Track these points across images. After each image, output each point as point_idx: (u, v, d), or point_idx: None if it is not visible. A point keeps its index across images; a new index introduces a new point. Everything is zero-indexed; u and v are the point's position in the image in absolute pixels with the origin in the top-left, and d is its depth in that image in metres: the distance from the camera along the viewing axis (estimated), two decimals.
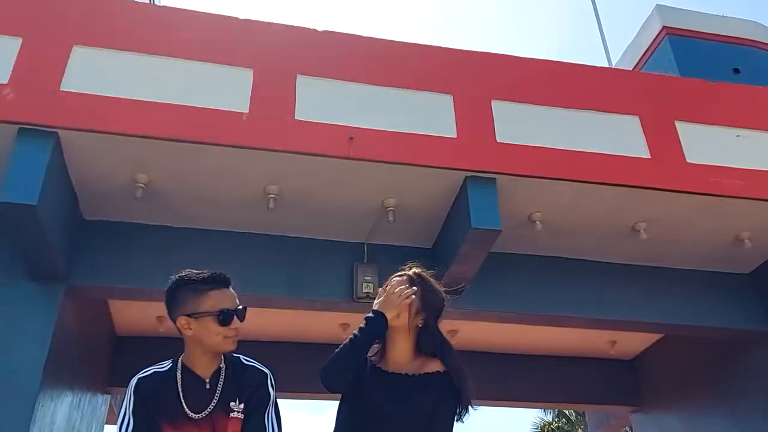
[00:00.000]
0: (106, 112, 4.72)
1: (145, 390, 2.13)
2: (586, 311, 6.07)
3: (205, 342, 2.15)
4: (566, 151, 5.37)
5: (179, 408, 2.11)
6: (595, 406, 8.91)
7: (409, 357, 2.33)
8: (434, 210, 5.51)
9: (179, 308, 2.17)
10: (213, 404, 2.12)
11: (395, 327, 2.30)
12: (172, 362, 2.22)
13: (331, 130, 5.03)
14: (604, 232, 5.91)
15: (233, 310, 2.17)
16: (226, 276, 2.23)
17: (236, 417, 2.13)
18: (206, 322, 2.13)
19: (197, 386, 2.15)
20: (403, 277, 2.40)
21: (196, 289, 2.16)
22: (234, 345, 2.17)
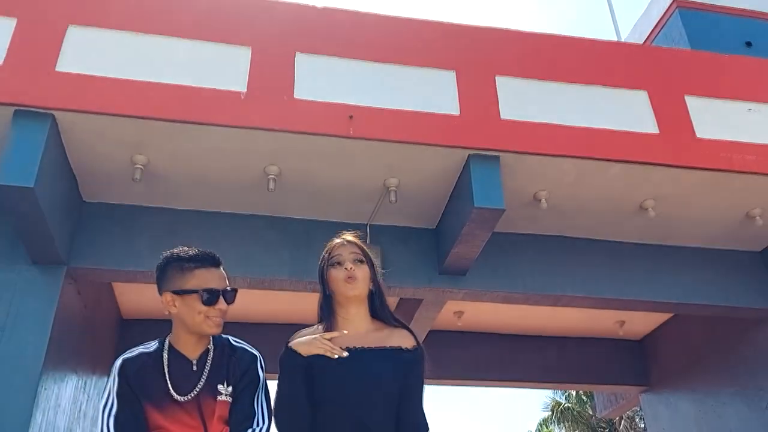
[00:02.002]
0: (102, 93, 4.65)
1: (129, 371, 2.08)
2: (593, 291, 5.97)
3: (187, 321, 2.09)
4: (572, 127, 5.25)
5: (165, 390, 2.05)
6: (604, 386, 8.86)
7: (367, 324, 2.27)
8: (437, 190, 5.42)
9: (165, 284, 2.12)
10: (199, 386, 2.06)
11: (351, 298, 2.23)
12: (159, 342, 2.17)
13: (331, 108, 4.94)
14: (611, 210, 5.80)
15: (219, 290, 2.11)
16: (216, 255, 2.16)
17: (224, 400, 2.07)
18: (190, 301, 2.08)
19: (184, 368, 2.09)
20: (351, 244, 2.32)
21: (182, 267, 2.11)
22: (217, 328, 2.11)
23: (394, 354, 2.18)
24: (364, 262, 2.28)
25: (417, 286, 5.71)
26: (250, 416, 2.08)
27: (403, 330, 2.27)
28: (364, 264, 2.27)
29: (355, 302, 2.25)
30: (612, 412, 9.92)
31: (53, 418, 5.14)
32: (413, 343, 2.24)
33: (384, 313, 2.30)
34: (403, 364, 2.17)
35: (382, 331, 2.26)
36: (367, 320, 2.27)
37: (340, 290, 2.24)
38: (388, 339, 2.22)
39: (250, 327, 6.90)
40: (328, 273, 2.28)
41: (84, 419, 6.09)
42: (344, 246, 2.31)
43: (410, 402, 2.15)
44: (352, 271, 2.22)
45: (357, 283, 2.22)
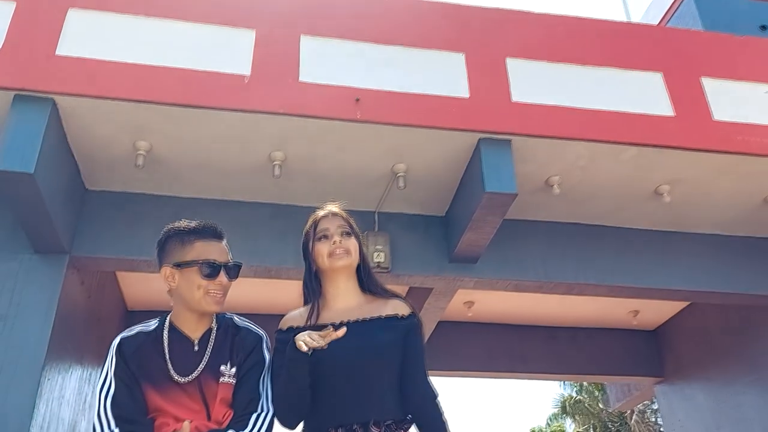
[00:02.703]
0: (103, 77, 4.55)
1: (128, 350, 1.97)
2: (606, 279, 5.83)
3: (186, 296, 1.98)
4: (585, 110, 5.11)
5: (164, 370, 1.93)
6: (617, 377, 8.72)
7: (357, 297, 2.17)
8: (446, 175, 5.29)
9: (165, 258, 2.02)
10: (201, 368, 1.95)
11: (339, 269, 2.13)
12: (159, 321, 2.06)
13: (337, 92, 4.82)
14: (625, 196, 5.65)
15: (220, 263, 1.99)
16: (218, 228, 2.06)
17: (227, 382, 1.95)
18: (189, 274, 1.97)
19: (185, 348, 1.98)
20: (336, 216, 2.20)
21: (182, 239, 2.01)
22: (217, 305, 1.99)
23: (391, 322, 2.09)
24: (351, 234, 2.18)
25: (426, 274, 5.59)
26: (254, 399, 1.96)
27: (396, 299, 2.18)
28: (352, 236, 2.17)
29: (344, 275, 2.15)
30: (625, 404, 9.79)
31: (57, 410, 5.06)
32: (409, 310, 2.15)
33: (373, 284, 2.21)
34: (401, 331, 2.08)
35: (375, 302, 2.16)
36: (357, 293, 2.18)
37: (328, 264, 2.13)
38: (383, 308, 2.13)
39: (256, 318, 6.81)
40: (314, 248, 2.16)
41: (89, 411, 6.01)
42: (329, 218, 2.19)
43: (414, 369, 2.06)
44: (339, 244, 2.12)
45: (344, 255, 2.12)
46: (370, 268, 2.25)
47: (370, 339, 2.03)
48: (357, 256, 2.16)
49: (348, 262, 2.13)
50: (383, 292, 2.20)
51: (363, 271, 2.21)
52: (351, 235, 2.17)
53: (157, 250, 2.05)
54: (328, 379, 1.98)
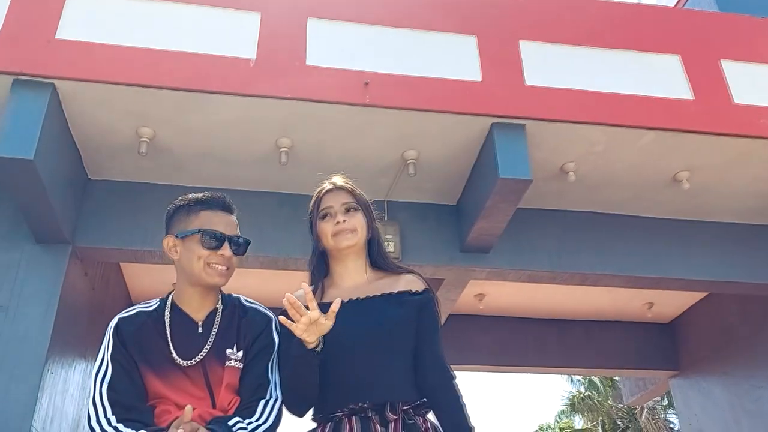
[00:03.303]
0: (104, 61, 4.41)
1: (126, 331, 1.83)
2: (623, 269, 5.67)
3: (187, 269, 1.84)
4: (602, 93, 4.94)
5: (166, 353, 1.79)
6: (631, 371, 8.55)
7: (367, 275, 2.01)
8: (458, 162, 5.14)
9: (170, 230, 1.90)
10: (205, 350, 1.81)
11: (345, 250, 1.97)
12: (161, 301, 1.92)
13: (345, 75, 4.67)
14: (642, 183, 5.48)
15: (224, 234, 1.85)
16: (227, 200, 1.94)
17: (233, 366, 1.81)
18: (191, 244, 1.84)
19: (188, 329, 1.84)
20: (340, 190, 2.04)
21: (188, 209, 1.89)
22: (221, 278, 1.85)
23: (403, 298, 1.93)
24: (358, 208, 2.01)
25: (438, 264, 5.44)
26: (263, 385, 1.82)
27: (409, 274, 2.02)
28: (358, 211, 2.00)
29: (352, 254, 1.99)
30: (639, 399, 9.61)
31: (61, 404, 4.94)
32: (422, 285, 1.99)
33: (385, 260, 2.05)
34: (414, 308, 1.92)
35: (386, 278, 2.01)
36: (367, 270, 2.03)
37: (332, 245, 1.97)
38: (394, 285, 1.97)
39: None
40: (318, 227, 2.01)
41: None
42: (333, 193, 2.04)
43: (428, 348, 1.90)
44: (344, 224, 1.96)
45: (349, 234, 1.96)
46: (381, 242, 2.09)
47: (381, 316, 1.88)
48: (364, 233, 2.00)
49: (354, 241, 1.97)
50: (395, 268, 2.04)
51: (373, 246, 2.05)
52: (358, 210, 2.01)
53: (165, 223, 1.93)
54: (336, 360, 1.83)
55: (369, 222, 2.03)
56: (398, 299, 1.93)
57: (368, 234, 2.02)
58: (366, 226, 2.01)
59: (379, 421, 1.77)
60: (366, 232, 2.01)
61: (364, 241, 2.01)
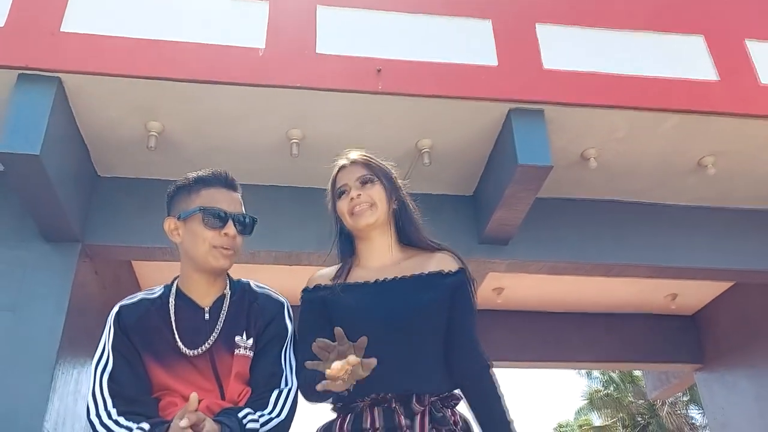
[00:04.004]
0: (110, 54, 4.31)
1: (128, 320, 1.70)
2: (647, 258, 5.48)
3: (191, 251, 1.72)
4: (623, 76, 4.77)
5: (171, 342, 1.67)
6: (654, 365, 8.33)
7: (396, 254, 1.84)
8: (474, 150, 4.98)
9: (171, 212, 1.78)
10: (213, 338, 1.68)
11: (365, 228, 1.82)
12: (165, 287, 1.80)
13: (356, 63, 4.53)
14: (666, 169, 5.29)
15: (227, 212, 1.72)
16: (229, 176, 1.82)
17: (242, 354, 1.68)
18: (193, 224, 1.72)
19: (194, 316, 1.72)
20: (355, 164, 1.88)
21: (189, 189, 1.77)
22: (226, 261, 1.72)
23: (434, 279, 1.76)
24: (376, 180, 1.85)
25: None
26: (276, 374, 1.69)
27: (442, 252, 1.84)
28: (376, 183, 1.85)
29: (376, 231, 1.83)
30: (663, 393, 9.39)
31: (73, 405, 4.84)
32: (457, 264, 1.81)
33: (416, 235, 1.87)
34: (447, 290, 1.75)
35: (417, 256, 1.83)
36: (396, 248, 1.86)
37: (352, 224, 1.83)
38: (425, 264, 1.80)
39: None
40: (337, 207, 1.87)
41: None
42: (347, 169, 1.89)
43: (462, 333, 1.74)
44: (358, 198, 1.80)
45: (367, 210, 1.80)
46: (412, 214, 1.90)
47: (410, 300, 1.72)
48: (385, 206, 1.83)
49: (373, 218, 1.81)
50: (428, 245, 1.86)
51: (402, 219, 1.87)
52: (375, 182, 1.84)
53: (166, 205, 1.81)
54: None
55: (391, 193, 1.86)
56: (429, 281, 1.76)
57: (391, 207, 1.85)
58: (387, 198, 1.84)
59: (404, 413, 1.62)
60: (387, 204, 1.84)
61: (386, 216, 1.84)
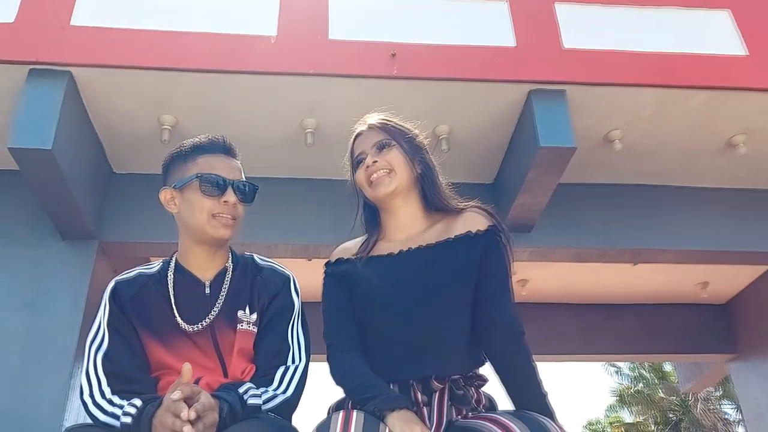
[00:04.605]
0: (120, 46, 4.26)
1: (124, 295, 1.61)
2: (676, 243, 5.29)
3: (189, 223, 1.62)
4: (646, 53, 4.60)
5: (169, 318, 1.57)
6: (686, 356, 8.09)
7: (423, 222, 1.70)
8: (494, 134, 4.84)
9: (167, 182, 1.69)
10: (214, 313, 1.58)
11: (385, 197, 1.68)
12: (164, 262, 1.70)
13: (370, 48, 4.43)
14: (694, 149, 5.10)
15: (227, 179, 1.62)
16: (227, 141, 1.71)
17: (246, 330, 1.57)
18: (190, 193, 1.62)
19: (194, 290, 1.62)
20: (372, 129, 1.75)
21: (185, 157, 1.67)
22: (226, 231, 1.61)
23: (462, 243, 1.59)
24: (394, 144, 1.70)
25: None
26: (282, 351, 1.57)
27: (471, 211, 1.68)
28: (394, 146, 1.70)
29: (399, 200, 1.69)
30: (696, 385, 9.12)
31: None
32: (487, 222, 1.63)
33: (440, 199, 1.71)
34: (476, 252, 1.58)
35: (444, 220, 1.68)
36: (423, 217, 1.71)
37: (371, 194, 1.70)
38: (452, 227, 1.64)
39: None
40: (355, 177, 1.75)
41: None
42: (364, 136, 1.76)
43: (493, 298, 1.57)
44: (375, 166, 1.67)
45: (386, 177, 1.66)
46: (436, 178, 1.74)
47: (434, 270, 1.57)
48: (406, 170, 1.68)
49: (392, 185, 1.66)
50: (455, 207, 1.70)
51: (425, 183, 1.71)
52: (393, 146, 1.70)
53: (162, 175, 1.71)
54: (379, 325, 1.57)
55: (413, 157, 1.71)
56: (455, 246, 1.60)
57: (414, 171, 1.70)
58: (407, 163, 1.69)
59: (422, 390, 1.50)
60: (409, 169, 1.69)
61: (408, 182, 1.69)
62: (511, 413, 1.37)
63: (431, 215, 1.72)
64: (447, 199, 1.72)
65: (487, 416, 1.40)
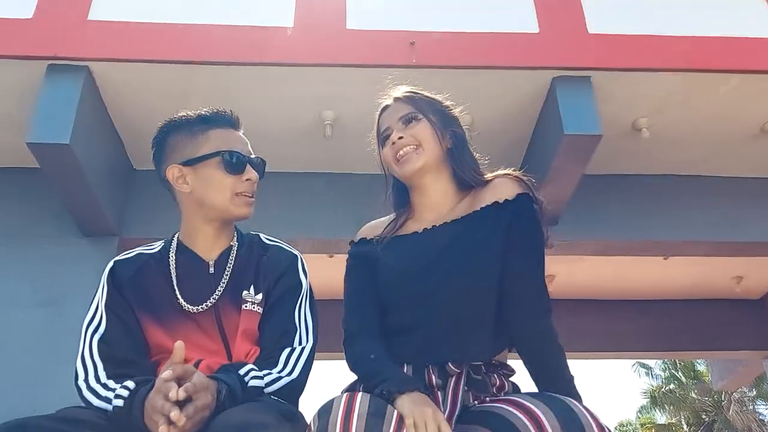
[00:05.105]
0: (137, 39, 4.24)
1: (123, 275, 1.55)
2: (706, 234, 5.10)
3: (208, 201, 1.53)
4: (676, 37, 4.44)
5: (170, 299, 1.50)
6: (720, 353, 7.86)
7: (454, 199, 1.58)
8: (517, 125, 4.72)
9: (170, 157, 1.58)
10: (218, 293, 1.50)
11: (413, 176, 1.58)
12: (165, 242, 1.64)
13: (388, 37, 4.34)
14: (726, 136, 4.91)
15: (245, 155, 1.55)
16: (234, 114, 1.65)
17: (250, 310, 1.49)
18: (207, 170, 1.53)
19: (197, 270, 1.55)
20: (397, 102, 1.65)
21: (191, 130, 1.58)
22: (250, 208, 1.56)
23: (490, 214, 1.48)
24: (420, 117, 1.60)
25: None
26: (288, 332, 1.48)
27: (499, 178, 1.56)
28: (421, 120, 1.60)
29: (429, 177, 1.59)
30: (730, 383, 8.86)
31: None
32: (516, 189, 1.51)
33: (471, 174, 1.59)
34: (504, 222, 1.46)
35: (473, 193, 1.57)
36: (454, 193, 1.60)
37: (398, 173, 1.60)
38: (480, 198, 1.53)
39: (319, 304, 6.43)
40: (382, 155, 1.65)
41: None
42: (390, 110, 1.67)
43: (521, 270, 1.45)
44: (401, 141, 1.57)
45: (413, 153, 1.56)
46: (468, 153, 1.63)
47: (456, 248, 1.46)
48: (435, 145, 1.57)
49: (420, 161, 1.56)
50: (483, 180, 1.59)
51: (455, 159, 1.60)
52: (420, 120, 1.59)
53: (155, 150, 1.62)
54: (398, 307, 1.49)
55: (442, 130, 1.60)
56: (481, 219, 1.49)
57: (444, 145, 1.59)
58: (436, 136, 1.58)
59: (438, 374, 1.41)
60: (438, 143, 1.58)
61: (438, 157, 1.59)
62: (532, 394, 1.27)
63: (463, 192, 1.61)
64: (476, 171, 1.62)
65: (505, 399, 1.30)
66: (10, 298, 4.48)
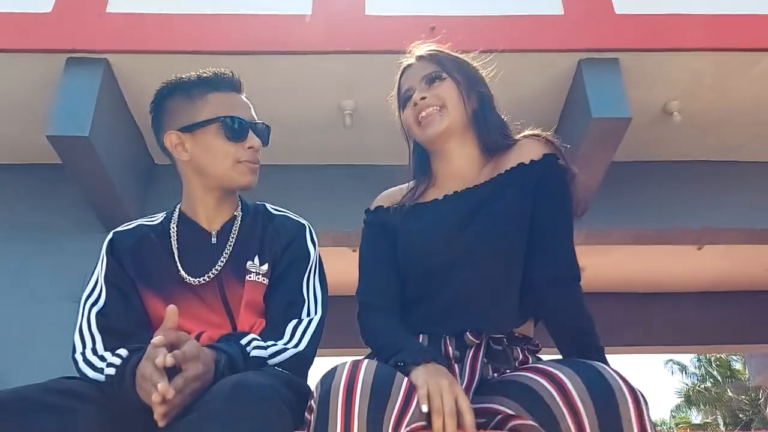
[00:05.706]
0: (155, 31, 4.22)
1: (122, 246, 1.49)
2: (742, 221, 4.91)
3: (209, 170, 1.46)
4: (705, 15, 4.27)
5: (171, 271, 1.43)
6: (756, 346, 7.63)
7: (479, 163, 1.48)
8: (543, 109, 4.57)
9: (168, 123, 1.51)
10: (221, 264, 1.43)
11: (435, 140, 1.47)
12: (167, 213, 1.59)
13: (408, 22, 4.25)
14: (761, 119, 4.71)
15: (248, 121, 1.46)
16: (235, 76, 1.55)
17: (255, 281, 1.41)
18: (207, 137, 1.45)
19: (199, 240, 1.48)
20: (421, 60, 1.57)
21: (189, 93, 1.50)
22: (254, 176, 1.48)
23: (515, 176, 1.38)
24: (445, 76, 1.50)
25: None
26: (295, 303, 1.40)
27: (524, 140, 1.46)
28: (446, 79, 1.50)
29: (453, 141, 1.49)
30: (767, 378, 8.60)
31: None
32: (542, 150, 1.41)
33: (498, 138, 1.48)
34: (530, 184, 1.36)
35: (498, 156, 1.47)
36: (479, 159, 1.50)
37: (419, 136, 1.50)
38: (504, 161, 1.43)
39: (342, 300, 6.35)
40: (402, 118, 1.56)
41: None
42: (412, 69, 1.58)
43: (548, 230, 1.35)
44: (423, 102, 1.46)
45: (436, 115, 1.45)
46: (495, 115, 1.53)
47: (479, 215, 1.37)
48: (460, 105, 1.47)
49: (444, 124, 1.46)
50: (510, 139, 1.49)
51: (479, 122, 1.49)
52: (444, 79, 1.50)
53: (153, 115, 1.55)
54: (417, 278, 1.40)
55: (468, 90, 1.50)
56: (505, 182, 1.39)
57: (470, 106, 1.49)
58: (461, 97, 1.48)
59: (455, 345, 1.31)
60: (463, 105, 1.48)
61: (463, 119, 1.48)
62: (556, 360, 1.17)
63: (487, 157, 1.51)
64: (507, 137, 1.50)
65: (527, 367, 1.20)
66: (33, 293, 4.50)
